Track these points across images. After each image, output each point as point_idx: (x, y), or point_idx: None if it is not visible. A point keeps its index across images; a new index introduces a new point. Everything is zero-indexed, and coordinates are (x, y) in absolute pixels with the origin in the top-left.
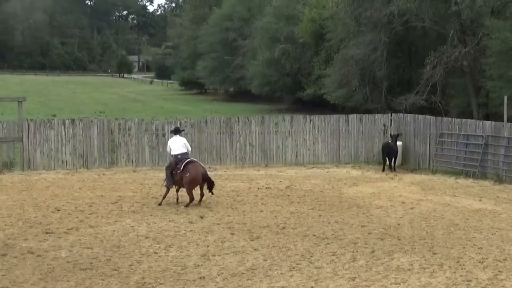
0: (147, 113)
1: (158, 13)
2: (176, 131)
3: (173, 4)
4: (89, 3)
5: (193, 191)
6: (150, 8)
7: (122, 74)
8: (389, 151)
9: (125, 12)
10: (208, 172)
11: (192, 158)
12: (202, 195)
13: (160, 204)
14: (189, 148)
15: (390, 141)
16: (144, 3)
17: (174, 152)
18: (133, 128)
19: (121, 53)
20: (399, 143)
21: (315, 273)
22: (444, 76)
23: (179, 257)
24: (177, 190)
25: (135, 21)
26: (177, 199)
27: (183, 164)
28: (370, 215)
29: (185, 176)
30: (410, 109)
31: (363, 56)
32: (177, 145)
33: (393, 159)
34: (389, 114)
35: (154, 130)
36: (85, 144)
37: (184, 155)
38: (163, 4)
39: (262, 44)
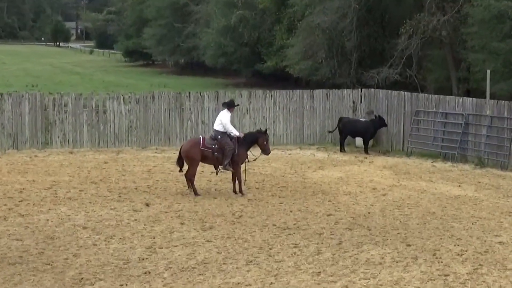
0: (86, 87)
1: None
2: (224, 105)
3: None
4: None
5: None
6: None
7: (57, 43)
8: (343, 128)
9: None
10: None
11: (218, 136)
12: (180, 170)
13: (237, 192)
14: (228, 127)
15: (365, 119)
16: None
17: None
18: (70, 104)
19: (57, 19)
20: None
21: (275, 267)
22: (420, 47)
23: (121, 250)
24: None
25: None
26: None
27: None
28: (337, 203)
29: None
30: (382, 84)
31: (331, 24)
32: (216, 121)
33: (362, 139)
34: (359, 89)
35: (94, 107)
36: (15, 122)
37: (216, 133)
38: None
39: (217, 10)
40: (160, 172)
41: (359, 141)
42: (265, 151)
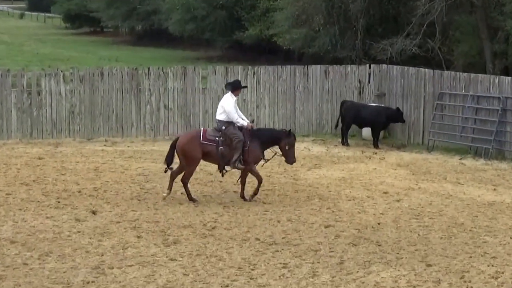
0: (14, 61)
1: None
2: (227, 87)
3: None
4: None
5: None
6: None
7: None
8: (346, 114)
9: None
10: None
11: (222, 127)
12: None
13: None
14: (233, 116)
15: (375, 103)
16: None
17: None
18: None
19: None
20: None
21: None
22: (446, 11)
23: (60, 271)
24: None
25: None
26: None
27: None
28: (338, 211)
29: None
30: (397, 59)
31: None
32: (218, 109)
33: (370, 130)
34: (367, 65)
35: (25, 86)
36: None
37: (220, 124)
38: None
39: None
40: (110, 171)
41: (366, 131)
42: (288, 158)
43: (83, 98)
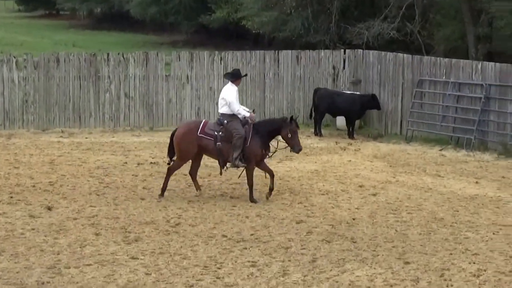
0: None
1: None
2: (227, 76)
3: None
4: None
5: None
6: None
7: None
8: (319, 103)
9: None
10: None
11: (225, 121)
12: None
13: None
14: (234, 107)
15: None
16: None
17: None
18: None
19: None
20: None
21: None
22: None
23: (13, 271)
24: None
25: None
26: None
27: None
28: (311, 206)
29: None
30: (374, 43)
31: None
32: (219, 101)
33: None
34: (342, 50)
35: None
36: None
37: (223, 118)
38: None
39: None
40: (67, 164)
41: (341, 121)
42: (293, 147)
43: (38, 86)
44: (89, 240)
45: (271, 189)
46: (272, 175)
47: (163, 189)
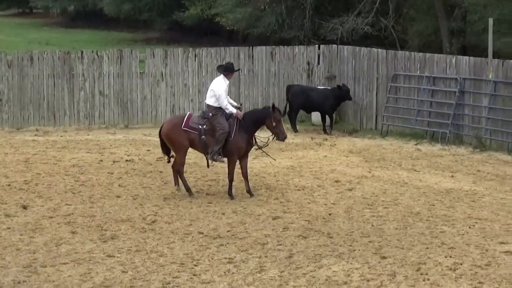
0: None
1: None
2: (219, 69)
3: None
4: None
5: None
6: None
7: None
8: (293, 99)
9: None
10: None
11: (209, 114)
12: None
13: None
14: (222, 101)
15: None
16: None
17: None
18: None
19: None
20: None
21: None
22: None
23: None
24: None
25: None
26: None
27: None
28: (287, 201)
29: None
30: (348, 39)
31: None
32: (208, 92)
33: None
34: (316, 46)
35: None
36: None
37: (208, 110)
38: None
39: None
40: (42, 163)
41: (316, 116)
42: (278, 135)
43: (12, 84)
44: (65, 238)
45: (248, 192)
46: (246, 178)
47: (187, 188)
